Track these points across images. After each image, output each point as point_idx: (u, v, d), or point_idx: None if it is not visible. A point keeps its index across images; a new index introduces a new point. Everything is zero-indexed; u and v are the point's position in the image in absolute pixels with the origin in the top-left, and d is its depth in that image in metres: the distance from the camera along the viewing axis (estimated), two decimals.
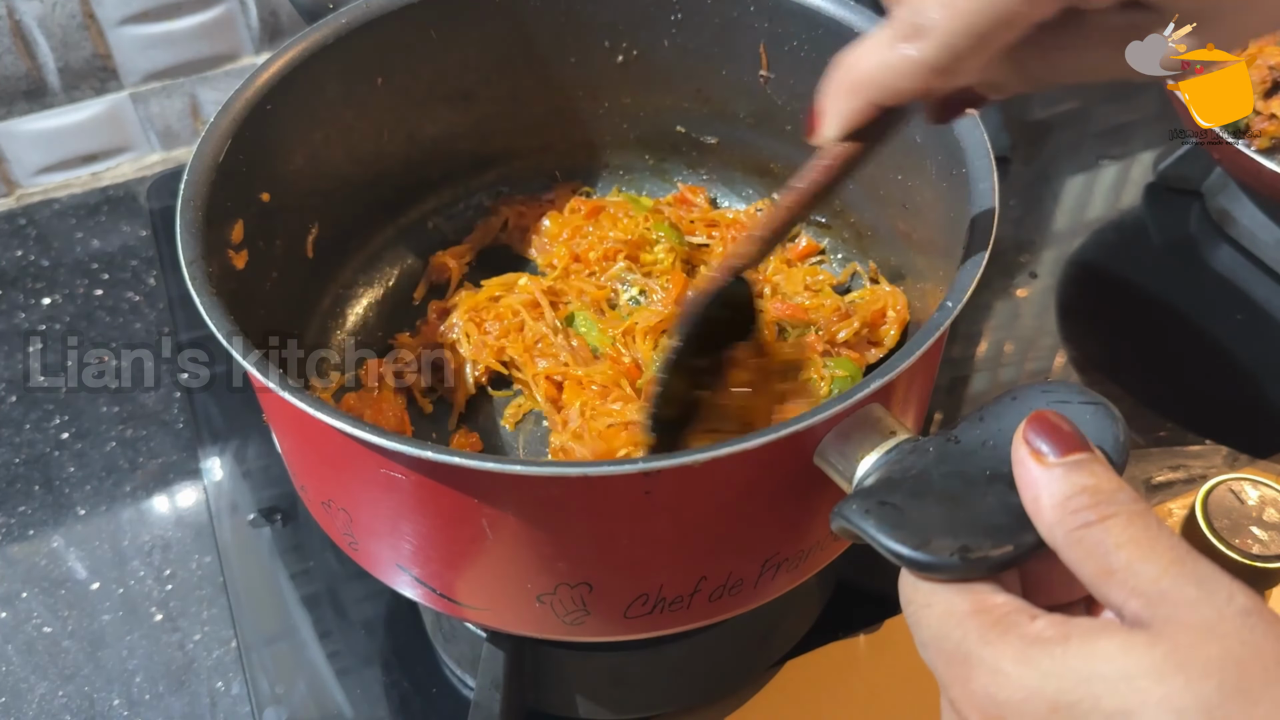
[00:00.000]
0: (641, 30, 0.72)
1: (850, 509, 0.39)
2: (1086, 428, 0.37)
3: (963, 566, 0.35)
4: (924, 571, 0.36)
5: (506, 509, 0.45)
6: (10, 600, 0.72)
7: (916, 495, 0.39)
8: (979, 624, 0.34)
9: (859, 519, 0.39)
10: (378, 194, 0.73)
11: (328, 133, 0.66)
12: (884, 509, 0.38)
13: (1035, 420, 0.36)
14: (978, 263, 0.49)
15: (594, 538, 0.46)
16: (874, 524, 0.38)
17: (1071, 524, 0.34)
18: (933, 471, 0.40)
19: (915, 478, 0.40)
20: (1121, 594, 0.32)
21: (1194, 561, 0.32)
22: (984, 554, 0.36)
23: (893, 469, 0.41)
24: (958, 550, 0.36)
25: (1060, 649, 0.32)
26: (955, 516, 0.37)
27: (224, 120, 0.57)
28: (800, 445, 0.44)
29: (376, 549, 0.53)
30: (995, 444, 0.39)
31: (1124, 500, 0.34)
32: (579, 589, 0.48)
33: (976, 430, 0.41)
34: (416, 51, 0.69)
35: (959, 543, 0.36)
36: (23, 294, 0.91)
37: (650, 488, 0.43)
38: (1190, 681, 0.29)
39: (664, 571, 0.48)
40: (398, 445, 0.42)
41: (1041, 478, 0.35)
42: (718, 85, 0.73)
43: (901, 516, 0.38)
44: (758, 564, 0.50)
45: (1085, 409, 0.39)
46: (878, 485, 0.41)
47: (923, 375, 0.52)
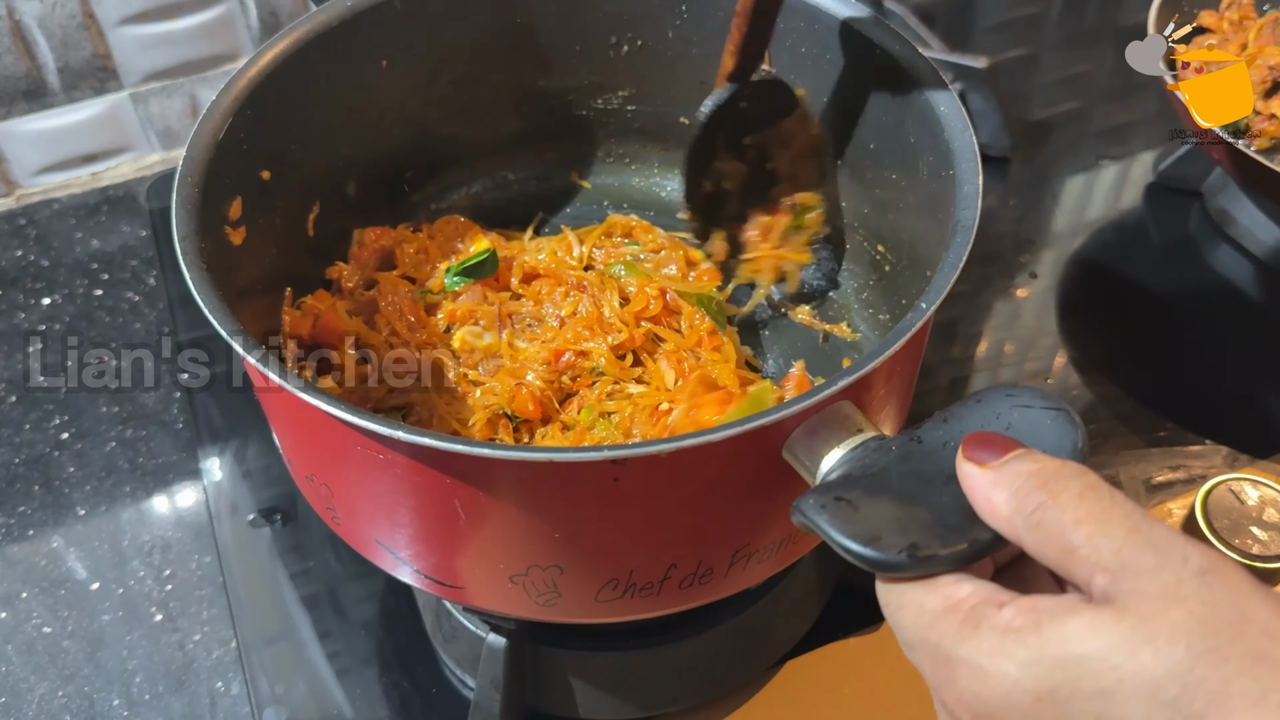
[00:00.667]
0: (645, 21, 0.73)
1: (807, 504, 0.40)
2: (1047, 433, 0.38)
3: (910, 564, 0.36)
4: (874, 568, 0.37)
5: (477, 490, 0.45)
6: (10, 600, 0.72)
7: (873, 492, 0.40)
8: (951, 622, 0.34)
9: (814, 513, 0.39)
10: (380, 175, 0.73)
11: (331, 113, 0.67)
12: (839, 505, 0.39)
13: (970, 439, 0.37)
14: (954, 264, 0.49)
15: (563, 522, 0.47)
16: (827, 519, 0.39)
17: (1027, 508, 0.34)
18: (893, 470, 0.41)
19: (874, 475, 0.41)
20: (1085, 571, 0.32)
21: (1149, 528, 0.32)
22: (933, 552, 0.36)
23: (854, 466, 0.42)
24: (906, 548, 0.36)
25: (1033, 637, 0.32)
26: (908, 515, 0.38)
27: (226, 98, 0.58)
28: (769, 438, 0.45)
29: (356, 524, 0.54)
30: (956, 445, 0.39)
31: (1071, 474, 0.34)
32: (550, 571, 0.49)
33: (939, 431, 0.41)
34: (422, 35, 0.69)
35: (908, 540, 0.37)
36: (23, 294, 0.91)
37: (618, 475, 0.44)
38: (1159, 651, 0.29)
39: (634, 557, 0.49)
40: (370, 424, 0.43)
41: (988, 478, 0.36)
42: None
43: (855, 513, 0.38)
44: (728, 554, 0.50)
45: (1046, 414, 0.39)
46: (837, 481, 0.42)
47: (900, 374, 0.52)
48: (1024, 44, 1.17)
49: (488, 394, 0.62)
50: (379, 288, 0.68)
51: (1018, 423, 0.40)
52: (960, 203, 0.53)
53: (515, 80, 0.75)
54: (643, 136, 0.80)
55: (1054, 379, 0.86)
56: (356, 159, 0.70)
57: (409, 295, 0.68)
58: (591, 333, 0.65)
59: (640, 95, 0.77)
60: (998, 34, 1.18)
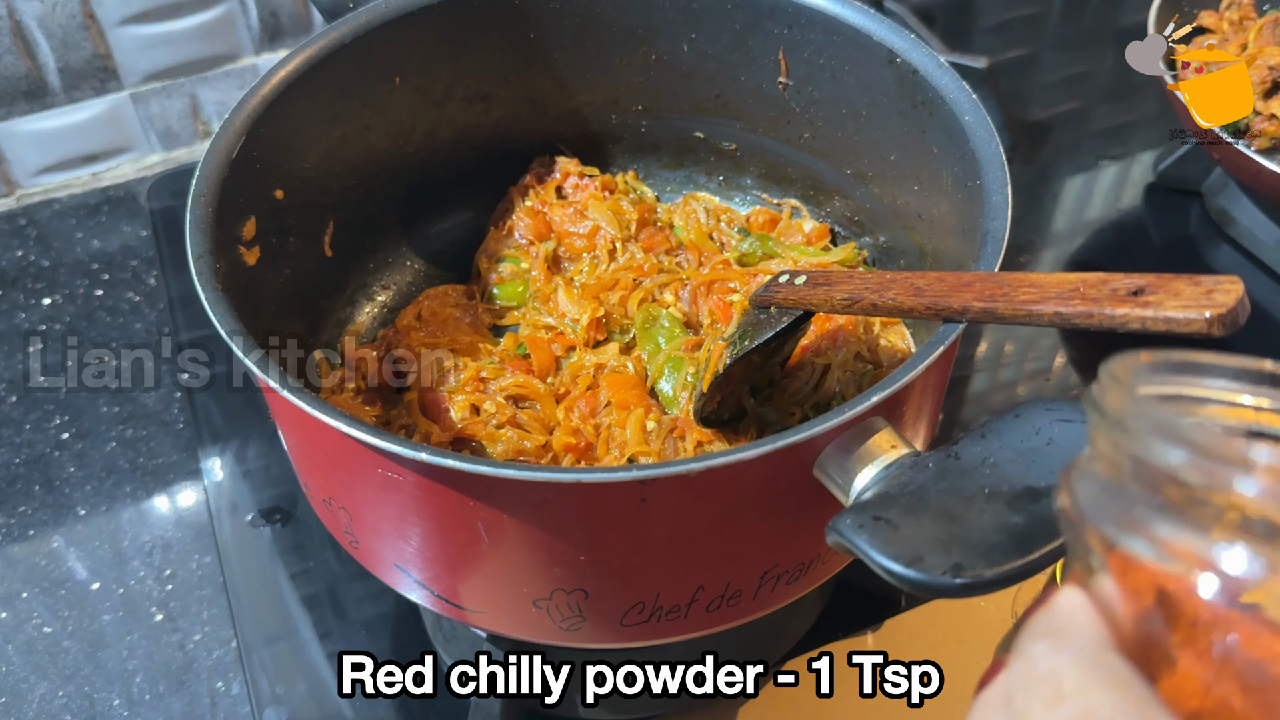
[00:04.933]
0: (661, 35, 0.72)
1: (844, 523, 0.39)
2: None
3: (955, 586, 0.35)
4: (918, 590, 0.36)
5: (501, 512, 0.45)
6: (10, 600, 0.72)
7: (912, 511, 0.39)
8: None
9: (852, 534, 0.38)
10: (393, 194, 0.73)
11: (344, 131, 0.66)
12: (878, 524, 0.38)
13: None
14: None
15: (589, 544, 0.46)
16: (867, 539, 0.38)
17: None
18: (931, 488, 0.40)
19: (913, 494, 0.40)
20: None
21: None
22: (978, 574, 0.35)
23: (891, 484, 0.41)
24: (950, 569, 0.35)
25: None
26: (950, 534, 0.37)
27: (238, 117, 0.57)
28: (800, 456, 0.44)
29: (376, 548, 0.53)
30: (996, 462, 0.38)
31: None
32: (575, 595, 0.48)
33: (978, 447, 0.40)
34: (435, 52, 0.69)
35: (952, 561, 0.36)
36: (23, 294, 0.91)
37: (646, 495, 0.43)
38: None
39: (660, 580, 0.48)
40: (394, 446, 0.42)
41: None
42: (737, 91, 0.73)
43: (895, 533, 0.37)
44: (756, 575, 0.49)
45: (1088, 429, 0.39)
46: (874, 500, 0.41)
47: (931, 390, 0.51)
48: (1024, 44, 1.16)
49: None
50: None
51: (1059, 437, 0.39)
52: (989, 213, 0.52)
53: (528, 96, 0.75)
54: (657, 151, 0.80)
55: (1053, 379, 0.86)
56: (369, 177, 0.70)
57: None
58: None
59: (654, 109, 0.77)
60: (998, 34, 1.18)
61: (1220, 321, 0.37)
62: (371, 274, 0.74)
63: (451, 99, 0.72)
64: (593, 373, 0.67)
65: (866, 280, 0.51)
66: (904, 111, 0.63)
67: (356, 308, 0.73)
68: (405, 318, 0.71)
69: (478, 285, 0.74)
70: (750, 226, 0.76)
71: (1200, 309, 0.37)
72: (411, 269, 0.76)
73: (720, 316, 0.69)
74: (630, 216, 0.74)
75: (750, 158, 0.78)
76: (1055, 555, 0.36)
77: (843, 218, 0.75)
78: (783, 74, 0.69)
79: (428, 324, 0.70)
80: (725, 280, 0.71)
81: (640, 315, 0.69)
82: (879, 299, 0.49)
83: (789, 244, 0.75)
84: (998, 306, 0.44)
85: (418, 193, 0.75)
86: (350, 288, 0.73)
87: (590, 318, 0.69)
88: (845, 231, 0.76)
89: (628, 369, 0.67)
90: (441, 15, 0.67)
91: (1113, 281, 0.41)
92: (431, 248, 0.77)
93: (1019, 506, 0.38)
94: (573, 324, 0.70)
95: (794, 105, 0.72)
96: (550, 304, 0.71)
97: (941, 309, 0.46)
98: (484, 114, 0.74)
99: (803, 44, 0.67)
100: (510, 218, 0.76)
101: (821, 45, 0.67)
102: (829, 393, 0.65)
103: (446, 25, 0.68)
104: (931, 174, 0.62)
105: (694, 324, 0.70)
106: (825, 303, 0.52)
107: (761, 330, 0.58)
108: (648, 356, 0.68)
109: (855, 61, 0.65)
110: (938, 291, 0.46)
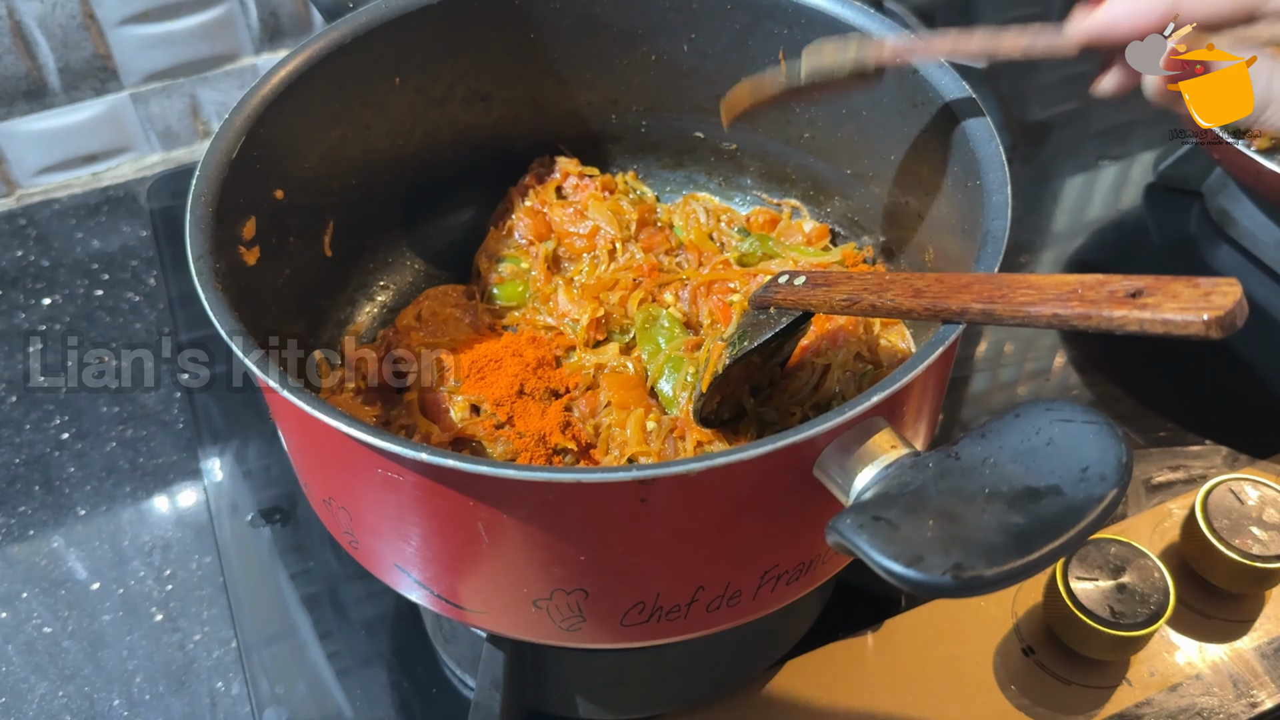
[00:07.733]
0: (661, 35, 0.72)
1: (844, 523, 0.39)
2: (1090, 447, 0.37)
3: (955, 586, 0.35)
4: (917, 590, 0.36)
5: (501, 512, 0.45)
6: (10, 600, 0.72)
7: (912, 511, 0.39)
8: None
9: (852, 534, 0.38)
10: (393, 193, 0.73)
11: (344, 131, 0.67)
12: (878, 524, 0.38)
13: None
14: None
15: (589, 544, 0.46)
16: (866, 539, 0.38)
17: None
18: (931, 487, 0.40)
19: (913, 493, 0.40)
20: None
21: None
22: (977, 573, 0.35)
23: (891, 484, 0.41)
24: (950, 569, 0.35)
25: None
26: (950, 534, 0.37)
27: (238, 117, 0.57)
28: (800, 456, 0.44)
29: (376, 548, 0.53)
30: (996, 462, 0.38)
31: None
32: (575, 595, 0.48)
33: (978, 447, 0.40)
34: (435, 52, 0.69)
35: (951, 561, 0.36)
36: (23, 294, 0.91)
37: (646, 495, 0.43)
38: None
39: (660, 580, 0.48)
40: (394, 446, 0.42)
41: None
42: None
43: (895, 533, 0.37)
44: (756, 575, 0.49)
45: (1088, 428, 0.39)
46: (874, 500, 0.41)
47: (931, 390, 0.51)
48: None
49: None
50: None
51: (1059, 437, 0.39)
52: (989, 213, 0.52)
53: (528, 96, 0.75)
54: (657, 151, 0.80)
55: (1053, 379, 0.86)
56: (369, 177, 0.70)
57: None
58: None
59: (654, 109, 0.77)
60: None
61: (1218, 324, 0.37)
62: (371, 274, 0.74)
63: (451, 99, 0.72)
64: (593, 373, 0.67)
65: (865, 281, 0.51)
66: (904, 111, 0.63)
67: (356, 308, 0.73)
68: (405, 318, 0.71)
69: (478, 285, 0.74)
70: (750, 227, 0.77)
71: (1198, 311, 0.37)
72: (411, 269, 0.76)
73: (720, 317, 0.69)
74: (630, 216, 0.75)
75: (750, 158, 0.78)
76: (1055, 555, 0.36)
77: (843, 218, 0.75)
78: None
79: (428, 324, 0.70)
80: (725, 280, 0.71)
81: (640, 315, 0.70)
82: (878, 300, 0.49)
83: (789, 244, 0.75)
84: (996, 308, 0.44)
85: (418, 193, 0.75)
86: (350, 288, 0.73)
87: (590, 318, 0.69)
88: (845, 231, 0.76)
89: (628, 369, 0.67)
90: (441, 15, 0.67)
91: (1111, 283, 0.41)
92: (431, 248, 0.77)
93: (1019, 506, 0.38)
94: (573, 324, 0.70)
95: (794, 105, 0.72)
96: (550, 304, 0.72)
97: (940, 310, 0.46)
98: (484, 114, 0.74)
99: (803, 44, 0.67)
100: (510, 218, 0.76)
101: None
102: (829, 393, 0.65)
103: (446, 25, 0.68)
104: (931, 174, 0.62)
105: (694, 324, 0.70)
106: (824, 303, 0.52)
107: (761, 331, 0.58)
108: (648, 356, 0.68)
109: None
110: (936, 293, 0.46)
